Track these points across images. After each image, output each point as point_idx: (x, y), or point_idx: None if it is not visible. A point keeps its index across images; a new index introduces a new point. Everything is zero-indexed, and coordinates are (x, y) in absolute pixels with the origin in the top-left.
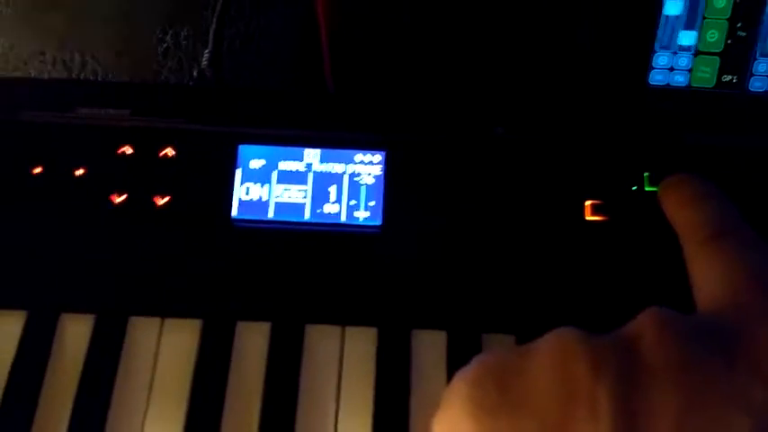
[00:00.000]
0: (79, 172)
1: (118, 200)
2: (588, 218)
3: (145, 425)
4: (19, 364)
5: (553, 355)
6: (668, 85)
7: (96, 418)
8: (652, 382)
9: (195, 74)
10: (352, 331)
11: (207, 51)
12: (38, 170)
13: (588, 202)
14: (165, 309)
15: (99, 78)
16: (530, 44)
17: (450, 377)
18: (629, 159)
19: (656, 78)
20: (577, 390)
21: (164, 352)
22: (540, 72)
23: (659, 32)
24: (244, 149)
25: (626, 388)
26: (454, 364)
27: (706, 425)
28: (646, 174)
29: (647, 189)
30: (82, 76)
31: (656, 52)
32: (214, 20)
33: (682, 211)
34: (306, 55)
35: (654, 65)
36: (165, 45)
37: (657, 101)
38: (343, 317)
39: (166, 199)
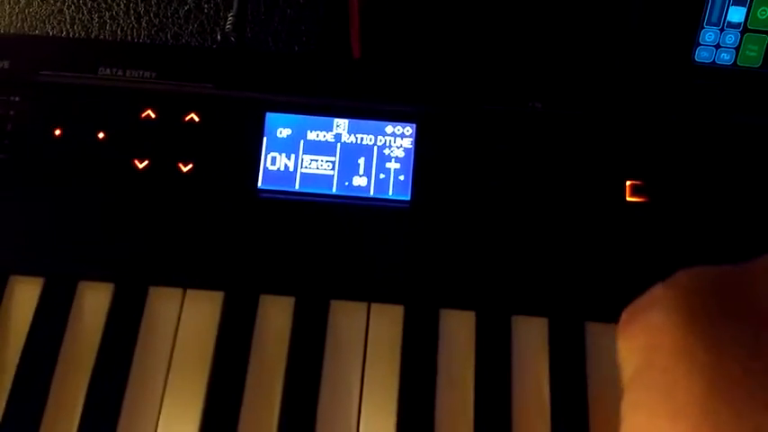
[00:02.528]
0: (101, 135)
1: (141, 165)
2: (629, 198)
3: (164, 397)
4: (36, 331)
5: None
6: (714, 63)
7: (114, 389)
8: None
9: (219, 38)
10: (378, 308)
11: (231, 15)
12: (59, 132)
13: (629, 183)
14: (187, 279)
15: (109, 37)
16: (573, 16)
17: (479, 359)
18: (672, 139)
19: (702, 56)
20: None
21: (185, 324)
22: (581, 46)
23: (707, 8)
24: (271, 118)
25: None
26: (483, 345)
27: None
28: (689, 154)
29: (689, 170)
30: (101, 38)
31: (703, 29)
32: None
33: None
34: (330, 21)
35: (700, 41)
36: (186, 7)
37: (702, 79)
38: (370, 293)
39: (190, 166)
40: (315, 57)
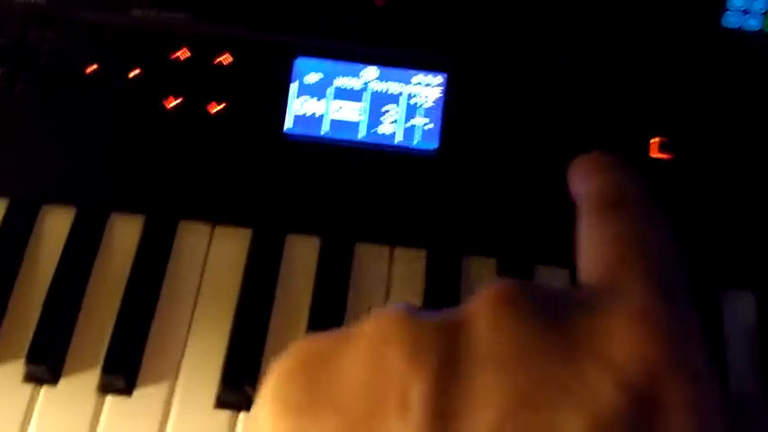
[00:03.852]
0: (133, 73)
1: (172, 104)
2: (653, 155)
3: (191, 329)
4: (67, 260)
5: (370, 341)
6: (741, 28)
7: (142, 319)
8: (476, 373)
9: None
10: (401, 252)
11: None
12: (92, 69)
13: (654, 140)
14: (216, 215)
15: None
16: None
17: None
18: (697, 98)
19: (730, 20)
20: (389, 382)
21: (213, 258)
22: (612, 2)
23: None
24: (301, 62)
25: (444, 381)
26: None
27: (531, 425)
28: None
29: (714, 129)
30: None
31: None
32: None
33: (583, 183)
34: None
35: (728, 6)
36: None
37: (729, 43)
38: (394, 237)
39: (220, 106)
40: (345, 3)
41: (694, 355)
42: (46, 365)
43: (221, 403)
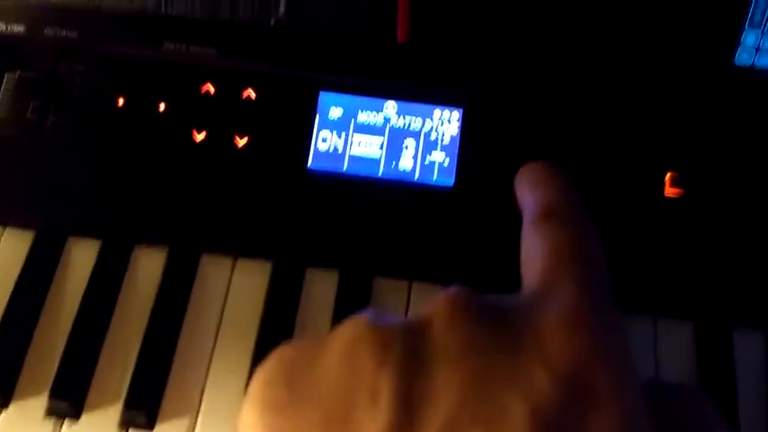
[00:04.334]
0: (162, 107)
1: (199, 137)
2: (667, 190)
3: (212, 361)
4: (91, 293)
5: (343, 343)
6: (753, 65)
7: (165, 351)
8: (435, 367)
9: (272, 18)
10: (418, 287)
11: None
12: (121, 102)
13: (668, 175)
14: (238, 248)
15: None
16: (622, 10)
17: None
18: (710, 135)
19: (742, 57)
20: (360, 377)
21: (234, 290)
22: (629, 41)
23: (750, 10)
24: (324, 97)
25: (408, 374)
26: None
27: (483, 410)
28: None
29: (727, 166)
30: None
31: (744, 30)
32: None
33: (525, 194)
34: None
35: (741, 44)
36: None
37: (742, 80)
38: (411, 272)
39: (245, 140)
40: (367, 39)
41: (616, 346)
42: (69, 400)
43: None
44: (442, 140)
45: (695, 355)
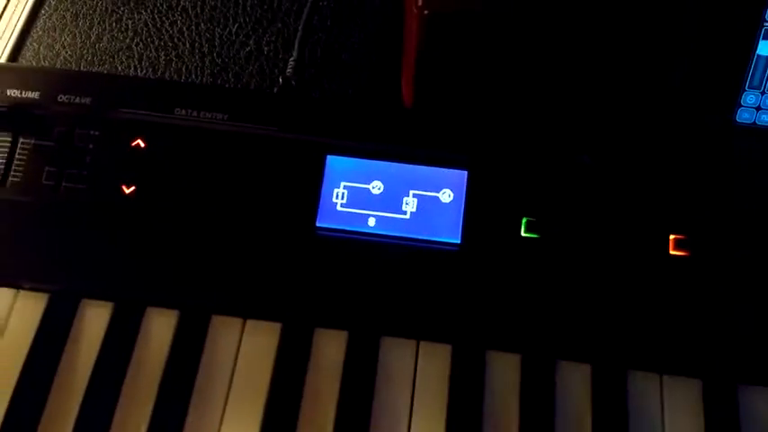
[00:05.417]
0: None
1: (209, 200)
2: (672, 252)
3: (223, 422)
4: (104, 357)
5: None
6: (754, 123)
7: (176, 413)
8: None
9: (280, 80)
10: (426, 347)
11: (292, 59)
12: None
13: (672, 237)
14: (247, 310)
15: (182, 78)
16: (620, 73)
17: (522, 401)
18: (713, 194)
19: (743, 117)
20: None
21: (244, 352)
22: (628, 103)
23: (750, 71)
24: (332, 160)
25: None
26: (528, 386)
27: None
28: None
29: (731, 226)
30: (167, 75)
31: (745, 91)
32: (300, 28)
33: None
34: (382, 69)
35: (742, 103)
36: (247, 49)
37: (743, 139)
38: (419, 332)
39: (254, 203)
40: (373, 104)
41: None
42: None
43: None
44: (448, 201)
45: (702, 413)
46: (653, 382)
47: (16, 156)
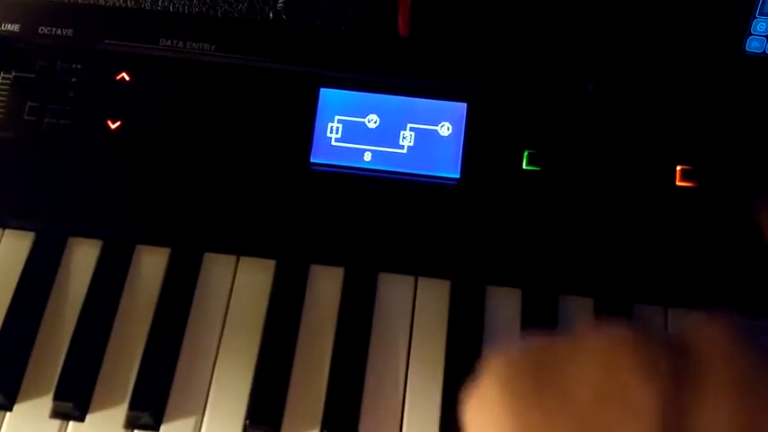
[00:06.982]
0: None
1: (199, 135)
2: (679, 183)
3: (217, 360)
4: (93, 294)
5: (602, 353)
6: (764, 52)
7: (169, 355)
8: (704, 392)
9: (270, 16)
10: (425, 282)
11: None
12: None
13: (679, 167)
14: (240, 247)
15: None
16: (628, 2)
17: (524, 333)
18: (721, 124)
19: (753, 45)
20: (622, 389)
21: (237, 289)
22: (635, 30)
23: None
24: (325, 93)
25: (675, 393)
26: (528, 322)
27: None
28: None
29: (738, 156)
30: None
31: (755, 18)
32: None
33: None
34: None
35: (752, 31)
36: None
37: (752, 68)
38: (417, 267)
39: (245, 137)
40: (368, 34)
41: None
42: (73, 402)
43: None
44: (447, 134)
45: None
46: (658, 316)
47: None
